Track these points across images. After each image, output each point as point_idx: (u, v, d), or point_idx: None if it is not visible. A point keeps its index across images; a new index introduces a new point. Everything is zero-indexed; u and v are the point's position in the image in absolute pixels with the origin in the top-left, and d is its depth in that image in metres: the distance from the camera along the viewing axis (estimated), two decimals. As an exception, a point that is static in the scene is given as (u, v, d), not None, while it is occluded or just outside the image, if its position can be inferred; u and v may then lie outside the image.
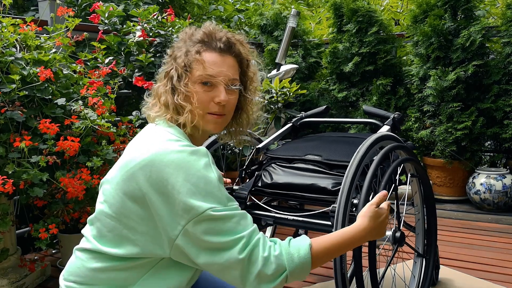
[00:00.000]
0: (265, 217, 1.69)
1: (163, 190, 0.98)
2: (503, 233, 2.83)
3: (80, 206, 1.99)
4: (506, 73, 3.29)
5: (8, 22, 1.98)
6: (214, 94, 1.11)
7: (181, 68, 1.10)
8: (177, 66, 1.11)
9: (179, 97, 1.10)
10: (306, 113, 2.16)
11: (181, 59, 1.11)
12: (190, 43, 1.13)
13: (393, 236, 1.47)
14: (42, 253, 2.45)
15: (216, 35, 1.13)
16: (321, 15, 5.14)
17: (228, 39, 1.14)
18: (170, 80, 1.12)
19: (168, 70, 1.13)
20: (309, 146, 1.80)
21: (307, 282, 2.19)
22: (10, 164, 1.71)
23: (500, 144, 3.49)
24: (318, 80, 4.22)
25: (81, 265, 1.09)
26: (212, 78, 1.10)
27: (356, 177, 1.42)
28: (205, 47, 1.12)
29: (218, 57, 1.12)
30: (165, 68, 1.15)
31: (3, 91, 1.80)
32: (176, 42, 1.18)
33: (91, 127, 1.94)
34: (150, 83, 2.37)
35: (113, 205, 1.05)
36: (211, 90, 1.11)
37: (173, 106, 1.10)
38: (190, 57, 1.10)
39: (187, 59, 1.10)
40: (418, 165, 1.71)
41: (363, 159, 1.46)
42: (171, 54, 1.16)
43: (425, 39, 3.43)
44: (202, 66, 1.10)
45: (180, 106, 1.10)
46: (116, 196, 1.05)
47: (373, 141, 1.53)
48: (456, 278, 2.17)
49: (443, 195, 3.52)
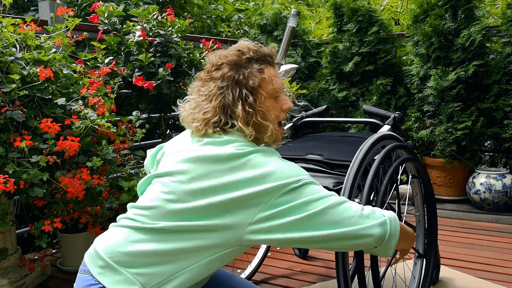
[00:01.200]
0: None
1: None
2: (503, 233, 2.83)
3: (80, 206, 1.99)
4: (506, 73, 3.29)
5: (8, 22, 1.98)
6: (281, 103, 1.22)
7: (253, 89, 1.17)
8: (247, 87, 1.17)
9: (258, 116, 1.17)
10: (306, 113, 2.16)
11: (249, 80, 1.17)
12: (244, 64, 1.19)
13: None
14: (42, 252, 2.45)
15: (263, 52, 1.22)
16: (321, 14, 5.14)
17: (269, 53, 1.24)
18: (244, 102, 1.16)
19: (237, 94, 1.17)
20: (310, 145, 1.81)
21: (307, 282, 2.19)
22: (10, 164, 1.70)
23: (500, 144, 3.49)
24: (318, 80, 4.21)
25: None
26: (280, 91, 1.22)
27: (358, 176, 1.42)
28: (264, 65, 1.21)
29: (274, 71, 1.23)
30: (228, 94, 1.17)
31: (3, 91, 1.80)
32: (213, 68, 1.21)
33: (91, 127, 1.93)
34: (150, 83, 2.37)
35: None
36: (278, 101, 1.22)
37: (254, 126, 1.17)
38: (257, 77, 1.18)
39: (256, 78, 1.18)
40: (419, 165, 1.71)
41: (365, 159, 1.46)
42: (222, 78, 1.18)
43: (425, 39, 3.43)
44: (270, 83, 1.19)
45: (260, 124, 1.18)
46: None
47: (374, 141, 1.53)
48: (456, 278, 2.17)
49: (443, 195, 3.52)
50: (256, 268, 2.23)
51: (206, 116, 1.18)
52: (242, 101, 1.16)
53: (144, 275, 1.09)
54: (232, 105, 1.17)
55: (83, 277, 1.15)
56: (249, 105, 1.16)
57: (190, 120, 1.21)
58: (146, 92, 2.47)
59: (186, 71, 2.68)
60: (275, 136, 1.21)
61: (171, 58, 2.57)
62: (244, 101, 1.16)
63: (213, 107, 1.18)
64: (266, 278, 2.25)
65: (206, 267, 1.12)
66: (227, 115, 1.17)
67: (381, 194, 1.41)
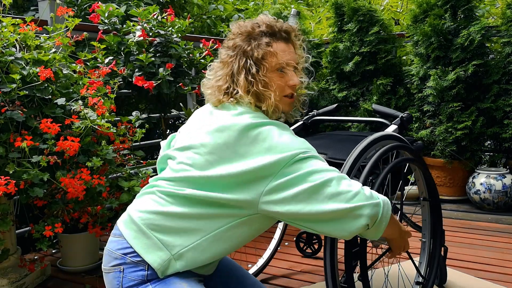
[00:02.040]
0: None
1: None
2: (503, 233, 2.83)
3: (80, 206, 1.99)
4: (506, 72, 3.29)
5: (8, 22, 1.98)
6: (287, 78, 1.27)
7: (257, 60, 1.24)
8: (253, 58, 1.24)
9: (259, 85, 1.23)
10: (317, 111, 2.16)
11: (255, 52, 1.24)
12: (256, 36, 1.26)
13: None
14: (42, 253, 2.45)
15: (277, 26, 1.27)
16: (321, 14, 5.14)
17: (287, 28, 1.29)
18: (248, 72, 1.24)
19: (242, 64, 1.24)
20: (315, 144, 1.80)
21: (307, 281, 2.20)
22: (11, 164, 1.70)
23: (500, 144, 3.49)
24: (318, 80, 4.21)
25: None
26: (285, 65, 1.26)
27: (351, 175, 1.42)
28: (273, 38, 1.26)
29: (285, 46, 1.27)
30: (236, 62, 1.25)
31: (3, 91, 1.80)
32: (235, 37, 1.29)
33: (91, 127, 1.93)
34: (150, 83, 2.37)
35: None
36: (284, 75, 1.27)
37: (255, 94, 1.25)
38: (263, 49, 1.24)
39: (261, 50, 1.24)
40: (421, 165, 1.71)
41: (359, 158, 1.46)
42: (234, 48, 1.27)
43: (425, 39, 3.43)
44: (275, 57, 1.25)
45: (261, 93, 1.24)
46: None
47: (372, 141, 1.52)
48: (456, 277, 2.17)
49: (443, 195, 3.52)
50: (267, 260, 2.24)
51: (218, 83, 1.28)
52: (246, 70, 1.24)
53: (169, 240, 1.17)
54: (237, 73, 1.25)
55: (117, 240, 1.22)
56: (252, 75, 1.23)
57: (205, 89, 1.32)
58: (146, 92, 2.47)
59: (186, 71, 2.68)
60: (276, 106, 1.26)
61: (171, 58, 2.57)
62: (248, 71, 1.24)
63: (224, 74, 1.27)
64: (266, 278, 2.25)
65: (226, 235, 1.18)
66: (233, 83, 1.26)
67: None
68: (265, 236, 2.50)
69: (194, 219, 1.17)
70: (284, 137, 1.16)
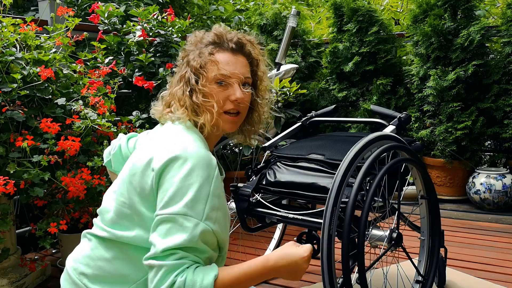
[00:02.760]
0: (268, 215, 1.73)
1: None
2: (504, 233, 2.83)
3: (80, 205, 1.99)
4: (506, 72, 3.29)
5: (8, 22, 1.98)
6: (229, 92, 1.16)
7: (196, 70, 1.15)
8: (192, 68, 1.16)
9: (198, 97, 1.14)
10: (316, 112, 2.16)
11: (195, 61, 1.16)
12: (202, 45, 1.18)
13: (390, 236, 1.48)
14: (42, 252, 2.45)
15: (227, 36, 1.19)
16: (321, 14, 5.14)
17: (239, 39, 1.19)
18: (187, 83, 1.16)
19: (183, 74, 1.17)
20: (314, 145, 1.81)
21: (307, 281, 2.19)
22: (11, 164, 1.71)
23: (500, 144, 3.49)
24: (318, 80, 4.21)
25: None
26: (227, 78, 1.15)
27: (347, 176, 1.42)
28: (218, 48, 1.17)
29: (231, 57, 1.17)
30: (180, 72, 1.19)
31: (3, 91, 1.80)
32: (186, 46, 1.22)
33: (91, 127, 1.94)
34: (150, 83, 2.37)
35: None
36: (226, 89, 1.16)
37: (191, 107, 1.15)
38: (204, 59, 1.16)
39: (202, 60, 1.15)
40: (417, 165, 1.71)
41: (356, 159, 1.46)
42: (183, 57, 1.21)
43: (425, 39, 3.43)
44: (216, 67, 1.15)
45: (198, 106, 1.14)
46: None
47: (368, 141, 1.52)
48: (457, 277, 2.17)
49: (443, 195, 3.52)
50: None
51: (165, 94, 1.22)
52: (185, 80, 1.17)
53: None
54: (176, 83, 1.19)
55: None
56: (191, 85, 1.15)
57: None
58: (146, 92, 2.47)
59: (186, 71, 2.68)
60: (216, 122, 1.14)
61: (171, 58, 2.57)
62: (187, 81, 1.16)
63: (169, 85, 1.22)
64: (266, 278, 2.25)
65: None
66: (172, 94, 1.20)
67: (370, 195, 1.40)
68: (265, 236, 2.50)
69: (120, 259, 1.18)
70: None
